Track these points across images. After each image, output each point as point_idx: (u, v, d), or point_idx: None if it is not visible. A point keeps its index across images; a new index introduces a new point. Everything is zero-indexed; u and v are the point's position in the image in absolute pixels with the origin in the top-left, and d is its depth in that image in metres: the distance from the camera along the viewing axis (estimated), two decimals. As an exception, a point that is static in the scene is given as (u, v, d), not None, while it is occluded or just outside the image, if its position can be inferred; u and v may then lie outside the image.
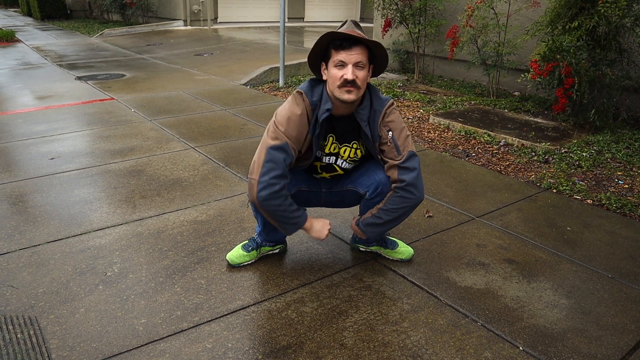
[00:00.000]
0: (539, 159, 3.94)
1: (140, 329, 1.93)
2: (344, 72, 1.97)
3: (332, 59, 2.00)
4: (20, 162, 3.65)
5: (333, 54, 1.99)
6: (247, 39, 10.80)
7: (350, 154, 2.20)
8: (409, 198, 2.09)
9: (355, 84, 1.98)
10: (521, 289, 2.27)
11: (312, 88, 2.10)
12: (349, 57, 1.96)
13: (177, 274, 2.29)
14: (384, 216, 2.15)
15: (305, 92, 2.08)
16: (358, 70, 1.98)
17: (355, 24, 2.04)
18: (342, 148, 2.19)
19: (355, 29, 2.01)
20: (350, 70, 1.96)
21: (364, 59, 1.99)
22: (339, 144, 2.18)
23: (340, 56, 1.97)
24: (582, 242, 2.71)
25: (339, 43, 1.97)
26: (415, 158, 2.10)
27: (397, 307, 2.11)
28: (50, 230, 2.66)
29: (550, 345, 1.92)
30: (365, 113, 2.09)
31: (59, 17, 17.48)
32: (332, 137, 2.17)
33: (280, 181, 2.00)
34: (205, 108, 5.33)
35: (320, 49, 2.05)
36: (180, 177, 3.42)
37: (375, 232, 2.24)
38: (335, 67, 1.99)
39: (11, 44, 10.72)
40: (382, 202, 2.15)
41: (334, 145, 2.19)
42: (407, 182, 2.06)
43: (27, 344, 1.83)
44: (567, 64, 4.28)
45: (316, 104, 2.07)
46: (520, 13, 5.65)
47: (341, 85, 1.99)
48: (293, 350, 1.84)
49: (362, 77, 2.00)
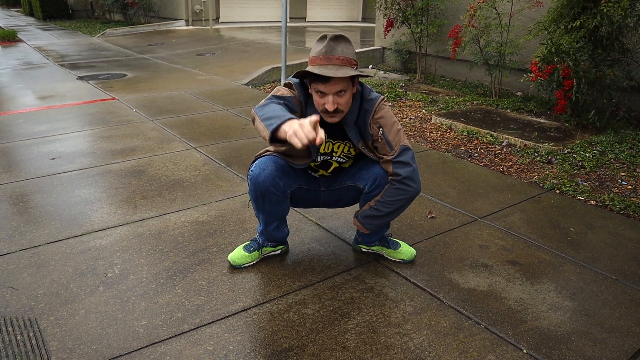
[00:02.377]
0: (542, 160, 3.92)
1: (141, 330, 1.92)
2: (324, 102, 1.94)
3: (312, 84, 1.96)
4: (21, 163, 3.64)
5: (312, 84, 1.96)
6: (249, 38, 10.79)
7: (344, 150, 2.21)
8: (406, 190, 2.08)
9: (338, 110, 1.97)
10: (525, 290, 2.25)
11: (303, 84, 2.10)
12: (327, 88, 1.91)
13: (178, 275, 2.28)
14: (382, 208, 2.14)
15: (295, 85, 2.09)
16: (339, 97, 1.94)
17: (336, 39, 1.92)
18: (335, 144, 2.19)
19: (334, 51, 1.89)
20: (331, 100, 1.93)
21: (345, 84, 1.93)
22: (332, 141, 2.18)
23: (319, 87, 1.92)
24: (585, 244, 2.69)
25: (316, 76, 1.90)
26: (409, 152, 2.08)
27: (400, 309, 2.10)
28: (50, 231, 2.65)
29: (554, 348, 1.90)
30: (352, 118, 2.08)
31: (60, 17, 17.49)
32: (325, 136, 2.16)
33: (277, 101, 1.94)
34: (207, 108, 5.31)
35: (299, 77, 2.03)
36: (181, 178, 3.40)
37: (374, 225, 2.23)
38: (316, 93, 1.96)
39: (13, 44, 10.73)
40: (379, 194, 2.14)
41: (328, 144, 2.18)
42: (403, 176, 2.05)
43: (26, 346, 1.82)
44: (566, 66, 4.26)
45: (305, 99, 2.08)
46: (522, 13, 5.63)
47: (324, 112, 1.98)
48: (295, 353, 1.83)
49: (345, 102, 1.97)
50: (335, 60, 1.89)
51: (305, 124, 1.55)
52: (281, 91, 2.04)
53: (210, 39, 11.05)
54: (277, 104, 1.88)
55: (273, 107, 1.82)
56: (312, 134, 1.52)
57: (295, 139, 1.53)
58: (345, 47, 1.92)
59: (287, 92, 2.04)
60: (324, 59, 1.89)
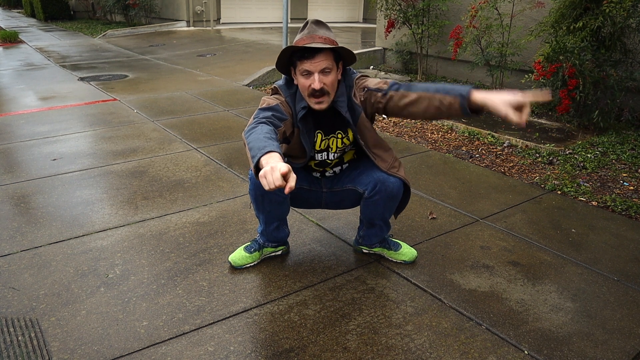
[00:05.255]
0: (543, 160, 3.92)
1: (142, 331, 1.92)
2: (310, 82, 1.96)
3: (297, 67, 1.99)
4: (22, 163, 3.64)
5: (298, 64, 1.98)
6: (250, 39, 10.80)
7: (338, 144, 2.21)
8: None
9: (324, 90, 1.98)
10: (526, 291, 2.25)
11: (288, 84, 2.12)
12: (313, 65, 1.94)
13: (179, 276, 2.28)
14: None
15: (280, 87, 2.11)
16: (325, 76, 1.97)
17: (317, 23, 2.00)
18: (330, 139, 2.19)
19: (316, 32, 1.97)
20: (317, 78, 1.95)
21: (330, 62, 1.97)
22: (327, 138, 2.18)
23: (305, 65, 1.95)
24: (587, 245, 2.69)
25: (301, 54, 1.94)
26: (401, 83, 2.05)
27: (401, 310, 2.09)
28: (52, 231, 2.66)
29: (556, 349, 1.89)
30: (344, 100, 2.08)
31: (62, 18, 17.52)
32: (320, 133, 2.16)
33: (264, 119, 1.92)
34: (208, 109, 5.32)
35: (284, 59, 2.03)
36: (182, 178, 3.40)
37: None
38: (302, 75, 1.98)
39: (14, 45, 10.75)
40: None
41: (324, 142, 2.18)
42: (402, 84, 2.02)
43: (28, 347, 1.82)
44: (571, 65, 4.25)
45: (292, 99, 2.08)
46: (524, 13, 5.62)
47: (310, 95, 2.00)
48: (296, 354, 1.83)
49: (331, 82, 1.99)
50: (318, 39, 1.95)
51: (275, 169, 1.51)
52: (267, 101, 2.05)
53: (211, 39, 11.05)
54: (263, 124, 1.85)
55: (256, 134, 1.77)
56: (279, 182, 1.49)
57: (264, 180, 1.52)
58: (326, 31, 1.99)
59: (273, 101, 2.04)
60: (307, 39, 1.95)
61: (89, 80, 6.77)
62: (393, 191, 2.17)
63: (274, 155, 1.60)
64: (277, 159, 1.58)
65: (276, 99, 2.07)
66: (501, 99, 1.71)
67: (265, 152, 1.62)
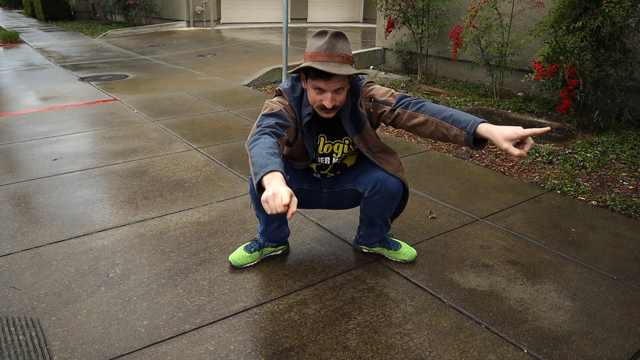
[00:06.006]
0: (543, 160, 3.92)
1: (142, 330, 1.93)
2: (322, 98, 1.93)
3: (310, 80, 1.94)
4: (23, 163, 3.65)
5: (311, 79, 1.93)
6: (250, 39, 10.80)
7: (344, 150, 2.20)
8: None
9: (335, 107, 1.97)
10: (525, 290, 2.26)
11: (293, 87, 2.09)
12: (328, 86, 1.91)
13: (180, 276, 2.29)
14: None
15: (284, 90, 2.08)
16: (337, 95, 1.94)
17: (337, 36, 1.92)
18: (335, 144, 2.19)
19: (335, 48, 1.89)
20: (329, 97, 1.92)
21: (344, 82, 1.94)
22: (331, 142, 2.18)
23: (319, 84, 1.91)
24: (586, 244, 2.69)
25: (317, 72, 1.88)
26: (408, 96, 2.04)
27: (401, 309, 2.10)
28: (52, 231, 2.66)
29: (555, 348, 1.90)
30: (348, 110, 2.07)
31: (62, 18, 17.53)
32: (323, 137, 2.16)
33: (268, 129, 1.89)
34: (208, 109, 5.32)
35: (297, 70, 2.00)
36: (182, 178, 3.41)
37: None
38: (314, 89, 1.94)
39: (15, 45, 10.76)
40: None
41: (327, 146, 2.18)
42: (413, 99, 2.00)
43: (29, 346, 1.83)
44: (571, 65, 4.26)
45: (297, 104, 2.06)
46: (524, 13, 5.63)
47: (320, 108, 1.98)
48: (296, 353, 1.83)
49: (342, 99, 1.97)
50: (337, 58, 1.89)
51: (278, 195, 1.50)
52: (270, 106, 2.01)
53: (212, 39, 11.06)
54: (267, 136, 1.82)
55: (259, 148, 1.74)
56: (281, 209, 1.49)
57: (266, 205, 1.51)
58: (344, 45, 1.93)
59: (276, 106, 2.00)
60: (325, 56, 1.88)
61: (90, 81, 6.77)
62: (393, 191, 2.17)
63: (276, 176, 1.59)
64: (279, 181, 1.57)
65: (280, 104, 2.03)
66: (502, 134, 1.72)
67: (267, 171, 1.60)
